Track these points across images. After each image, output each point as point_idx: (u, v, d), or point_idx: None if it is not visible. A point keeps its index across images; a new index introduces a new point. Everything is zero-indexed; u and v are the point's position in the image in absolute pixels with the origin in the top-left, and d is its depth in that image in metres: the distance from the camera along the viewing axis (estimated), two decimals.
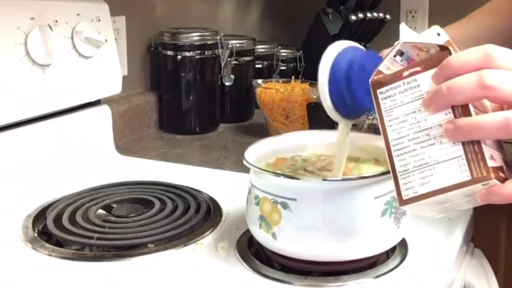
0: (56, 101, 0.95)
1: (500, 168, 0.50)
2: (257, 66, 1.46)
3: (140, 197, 0.85)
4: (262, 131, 1.25)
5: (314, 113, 1.12)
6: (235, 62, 1.34)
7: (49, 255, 0.70)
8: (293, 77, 1.28)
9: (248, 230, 0.69)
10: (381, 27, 1.64)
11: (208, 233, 0.75)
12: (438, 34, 0.57)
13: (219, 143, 1.22)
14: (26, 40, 0.88)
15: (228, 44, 1.32)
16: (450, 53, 0.52)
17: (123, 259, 0.69)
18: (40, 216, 0.80)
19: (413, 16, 1.74)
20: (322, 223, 0.62)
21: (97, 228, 0.75)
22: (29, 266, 0.68)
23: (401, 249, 0.69)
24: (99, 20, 1.02)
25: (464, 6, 0.99)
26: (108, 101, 1.10)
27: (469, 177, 0.49)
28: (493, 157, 0.50)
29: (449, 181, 0.50)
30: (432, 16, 1.72)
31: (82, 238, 0.72)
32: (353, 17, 1.53)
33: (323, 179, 0.63)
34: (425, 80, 0.52)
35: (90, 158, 1.02)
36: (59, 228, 0.75)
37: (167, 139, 1.25)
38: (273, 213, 0.63)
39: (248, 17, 1.74)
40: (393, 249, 0.68)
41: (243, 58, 1.37)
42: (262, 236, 0.65)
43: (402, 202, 0.53)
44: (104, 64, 1.04)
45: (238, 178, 0.93)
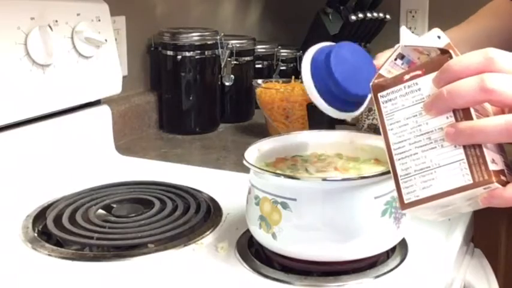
0: (56, 101, 0.95)
1: (501, 171, 0.50)
2: (257, 66, 1.46)
3: (140, 197, 0.85)
4: (262, 131, 1.25)
5: (314, 113, 1.12)
6: (235, 62, 1.34)
7: (49, 255, 0.70)
8: (293, 77, 1.28)
9: (248, 230, 0.69)
10: (381, 27, 1.64)
11: (208, 233, 0.75)
12: (439, 37, 0.57)
13: (219, 143, 1.22)
14: (26, 40, 0.88)
15: (228, 44, 1.32)
16: (451, 57, 0.52)
17: (123, 259, 0.69)
18: (40, 216, 0.80)
19: (413, 16, 1.74)
20: (322, 223, 0.62)
21: (97, 228, 0.75)
22: (29, 266, 0.68)
23: (401, 249, 0.69)
24: (99, 20, 1.02)
25: (464, 6, 0.99)
26: (108, 101, 1.10)
27: (471, 180, 0.49)
28: (495, 160, 0.50)
29: (450, 185, 0.50)
30: (432, 16, 1.72)
31: (82, 238, 0.72)
32: (353, 17, 1.53)
33: (323, 179, 0.63)
34: (426, 84, 0.52)
35: (90, 158, 1.02)
36: (59, 228, 0.75)
37: (167, 139, 1.25)
38: (273, 213, 0.63)
39: (248, 17, 1.74)
40: (393, 249, 0.68)
41: (243, 58, 1.37)
42: (262, 236, 0.65)
43: (404, 206, 0.53)
44: (104, 64, 1.04)
45: (238, 178, 0.93)
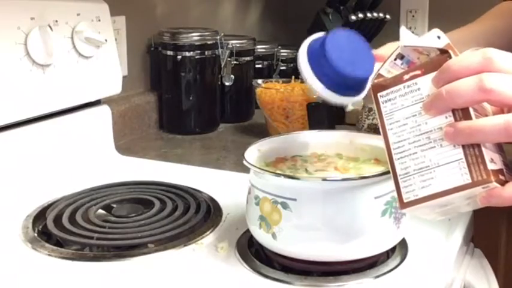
0: (56, 101, 0.95)
1: (500, 171, 0.50)
2: (257, 66, 1.46)
3: (140, 197, 0.85)
4: (262, 131, 1.25)
5: (314, 113, 1.12)
6: (235, 62, 1.34)
7: (49, 255, 0.70)
8: (293, 77, 1.28)
9: (248, 230, 0.69)
10: (381, 27, 1.64)
11: (208, 233, 0.75)
12: (438, 37, 0.57)
13: (219, 143, 1.22)
14: (26, 40, 0.88)
15: (228, 44, 1.32)
16: (450, 57, 0.52)
17: (123, 259, 0.69)
18: (40, 216, 0.80)
19: (413, 16, 1.74)
20: (322, 223, 0.62)
21: (97, 228, 0.75)
22: (29, 266, 0.68)
23: (401, 249, 0.69)
24: (99, 20, 1.02)
25: (464, 6, 0.99)
26: (108, 101, 1.10)
27: (469, 180, 0.49)
28: (493, 160, 0.50)
29: (449, 184, 0.50)
30: (432, 16, 1.72)
31: (82, 238, 0.72)
32: (353, 17, 1.53)
33: (323, 179, 0.63)
34: (425, 84, 0.53)
35: (90, 158, 1.02)
36: (59, 228, 0.75)
37: (167, 139, 1.25)
38: (273, 213, 0.63)
39: (248, 17, 1.74)
40: (393, 249, 0.68)
41: (243, 58, 1.37)
42: (262, 236, 0.65)
43: (403, 205, 0.53)
44: (104, 64, 1.04)
45: (238, 178, 0.92)
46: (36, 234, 0.75)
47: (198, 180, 0.92)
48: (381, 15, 1.60)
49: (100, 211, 0.81)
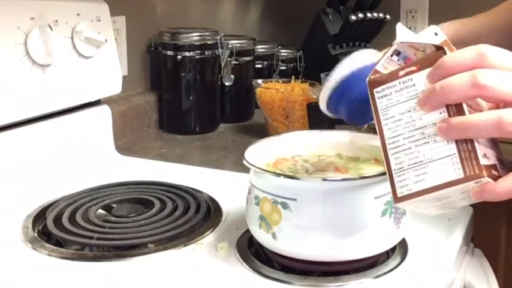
0: (56, 101, 0.95)
1: (493, 166, 0.50)
2: (257, 66, 1.46)
3: (140, 197, 0.85)
4: (262, 131, 1.25)
5: (314, 113, 1.12)
6: (235, 62, 1.34)
7: (49, 255, 0.70)
8: (293, 77, 1.28)
9: (248, 230, 0.69)
10: (381, 27, 1.64)
11: (208, 233, 0.75)
12: (436, 34, 0.57)
13: (219, 143, 1.22)
14: (26, 40, 0.88)
15: (228, 44, 1.32)
16: (445, 53, 0.53)
17: (123, 259, 0.69)
18: (40, 216, 0.80)
19: (413, 16, 1.74)
20: (322, 223, 0.62)
21: (97, 228, 0.75)
22: (29, 266, 0.68)
23: (401, 249, 0.69)
24: (99, 20, 1.02)
25: (464, 6, 0.99)
26: (108, 101, 1.10)
27: (462, 175, 0.50)
28: (486, 155, 0.50)
29: (442, 179, 0.51)
30: (432, 16, 1.72)
31: (82, 238, 0.72)
32: (353, 17, 1.53)
33: (323, 179, 0.63)
34: (420, 80, 0.53)
35: (90, 158, 1.02)
36: (59, 228, 0.75)
37: (167, 139, 1.25)
38: (273, 213, 0.63)
39: (248, 17, 1.74)
40: (393, 249, 0.68)
41: (243, 58, 1.37)
42: (262, 236, 0.65)
43: (397, 199, 0.54)
44: (104, 64, 1.04)
45: (238, 178, 0.92)
46: (36, 234, 0.75)
47: (198, 180, 0.92)
48: (381, 15, 1.60)
49: (100, 211, 0.81)
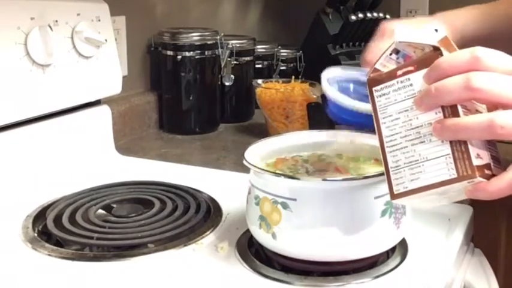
0: (56, 101, 0.95)
1: (486, 165, 0.51)
2: (257, 66, 1.46)
3: (140, 197, 0.85)
4: (262, 131, 1.25)
5: (314, 113, 1.11)
6: (235, 62, 1.34)
7: (49, 255, 0.70)
8: (293, 77, 1.28)
9: (248, 230, 0.69)
10: None
11: (208, 233, 0.75)
12: (436, 30, 0.57)
13: (219, 143, 1.22)
14: (26, 40, 0.88)
15: (228, 44, 1.32)
16: (442, 54, 0.54)
17: (123, 259, 0.69)
18: (40, 216, 0.80)
19: (413, 16, 1.74)
20: (322, 223, 0.62)
21: (97, 228, 0.75)
22: (29, 266, 0.68)
23: (401, 249, 0.69)
24: (99, 20, 1.02)
25: (464, 6, 0.98)
26: (108, 101, 1.10)
27: (455, 175, 0.51)
28: (480, 155, 0.51)
29: (437, 178, 0.52)
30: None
31: (82, 238, 0.72)
32: (353, 17, 1.53)
33: (323, 179, 0.63)
34: (417, 80, 0.54)
35: (90, 158, 1.02)
36: (59, 228, 0.75)
37: (167, 139, 1.25)
38: (273, 213, 0.63)
39: (248, 17, 1.74)
40: (393, 249, 0.68)
41: (243, 58, 1.37)
42: (262, 236, 0.65)
43: (393, 196, 0.55)
44: (104, 64, 1.04)
45: (238, 178, 0.92)
46: (36, 234, 0.75)
47: (198, 180, 0.92)
48: (381, 15, 1.60)
49: (100, 211, 0.81)
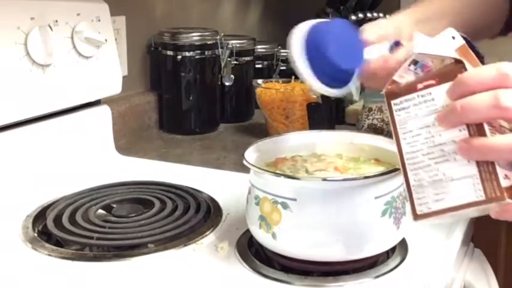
0: (56, 101, 0.95)
1: None
2: (257, 66, 1.46)
3: (140, 197, 0.85)
4: (262, 131, 1.25)
5: (314, 113, 1.12)
6: (235, 62, 1.34)
7: (49, 255, 0.70)
8: (293, 77, 1.28)
9: (248, 230, 0.69)
10: None
11: (208, 233, 0.75)
12: (453, 37, 0.56)
13: (219, 143, 1.22)
14: (26, 40, 0.88)
15: (228, 44, 1.32)
16: (465, 67, 0.51)
17: (123, 259, 0.69)
18: (40, 216, 0.80)
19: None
20: (322, 223, 0.62)
21: (97, 228, 0.75)
22: (29, 266, 0.68)
23: (401, 249, 0.69)
24: (99, 20, 1.02)
25: None
26: (108, 101, 1.10)
27: (483, 197, 0.49)
28: (507, 176, 0.49)
29: (463, 200, 0.50)
30: None
31: (82, 238, 0.72)
32: (353, 17, 1.53)
33: (323, 179, 0.63)
34: (439, 94, 0.52)
35: (90, 158, 1.02)
36: (59, 228, 0.75)
37: (167, 139, 1.25)
38: (273, 213, 0.63)
39: (248, 17, 1.74)
40: (393, 249, 0.68)
41: (243, 58, 1.37)
42: (262, 236, 0.65)
43: (416, 216, 0.53)
44: (104, 64, 1.04)
45: (238, 178, 0.93)
46: (36, 234, 0.75)
47: (198, 180, 0.92)
48: (381, 15, 1.60)
49: (100, 211, 0.81)
